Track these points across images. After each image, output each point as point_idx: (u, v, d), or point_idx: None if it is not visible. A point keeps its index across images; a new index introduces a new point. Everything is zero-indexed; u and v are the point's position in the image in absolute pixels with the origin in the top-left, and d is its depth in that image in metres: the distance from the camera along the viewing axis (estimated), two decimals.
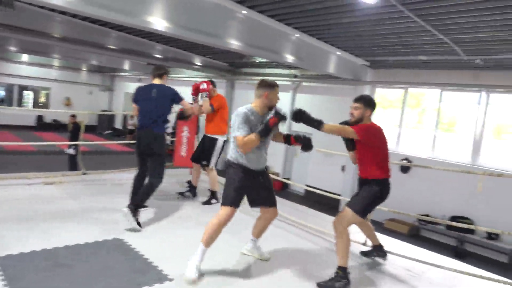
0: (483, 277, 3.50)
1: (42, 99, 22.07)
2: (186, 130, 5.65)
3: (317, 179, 11.18)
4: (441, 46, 7.04)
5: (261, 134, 3.10)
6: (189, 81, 12.99)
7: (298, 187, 11.58)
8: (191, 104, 4.86)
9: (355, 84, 10.42)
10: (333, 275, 3.14)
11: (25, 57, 18.35)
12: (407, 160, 9.27)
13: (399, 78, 9.71)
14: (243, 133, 3.09)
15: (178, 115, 5.07)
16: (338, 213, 3.38)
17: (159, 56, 11.01)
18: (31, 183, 5.15)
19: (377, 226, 8.69)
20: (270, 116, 3.17)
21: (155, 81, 4.33)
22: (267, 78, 3.58)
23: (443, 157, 9.15)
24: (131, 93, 21.40)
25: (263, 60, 11.41)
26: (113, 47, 9.71)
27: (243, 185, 3.26)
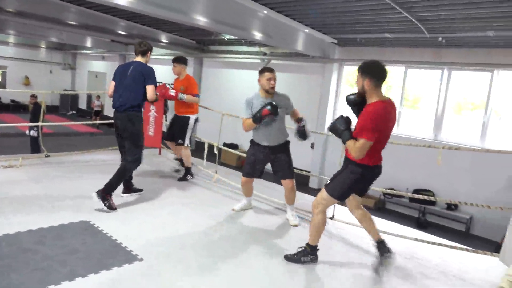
0: (442, 244, 3.72)
1: None
2: (153, 110, 5.53)
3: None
4: (405, 24, 7.15)
5: (253, 120, 3.72)
6: (156, 59, 12.60)
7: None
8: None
9: (323, 62, 10.49)
10: (300, 249, 3.20)
11: None
12: None
13: (366, 55, 9.84)
14: (245, 116, 3.83)
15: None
16: (318, 194, 3.17)
17: (123, 33, 10.58)
18: None
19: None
20: (267, 107, 3.64)
21: (137, 58, 4.19)
22: (267, 66, 4.08)
23: (407, 133, 9.47)
24: (95, 71, 20.82)
25: (231, 38, 11.23)
26: (73, 22, 9.21)
27: (256, 158, 3.99)
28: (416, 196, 4.78)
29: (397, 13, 6.47)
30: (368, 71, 2.79)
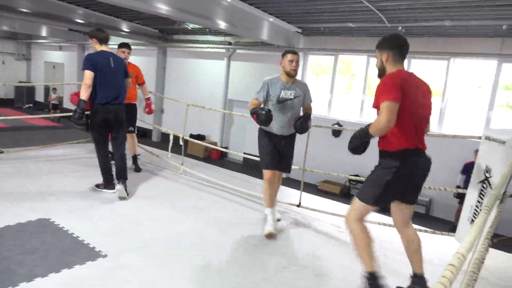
0: None
1: None
2: None
3: (255, 146, 11.31)
4: (367, 14, 7.30)
5: (251, 112, 3.47)
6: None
7: (236, 155, 11.67)
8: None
9: None
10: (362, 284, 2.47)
11: None
12: (338, 124, 9.72)
13: (329, 45, 9.97)
14: (255, 96, 3.60)
15: None
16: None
17: (80, 21, 10.13)
18: None
19: (311, 188, 9.16)
20: (260, 112, 3.38)
21: (105, 48, 4.07)
22: (290, 49, 3.93)
23: (370, 120, 9.72)
24: (52, 62, 19.84)
25: (195, 27, 11.03)
26: (26, 10, 8.71)
27: (274, 147, 3.66)
28: None
29: (358, 3, 6.58)
30: (385, 45, 2.48)
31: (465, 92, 8.99)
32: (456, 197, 7.47)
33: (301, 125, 3.50)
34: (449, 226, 7.42)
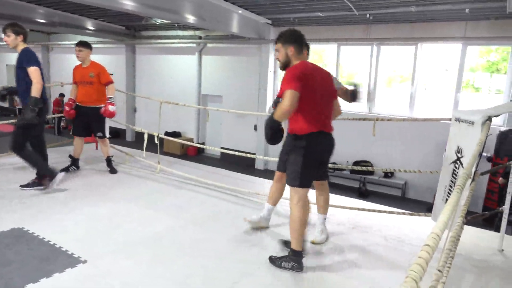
0: (381, 211, 3.96)
1: None
2: None
3: (231, 140, 11.32)
4: (335, 2, 7.35)
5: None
6: None
7: (213, 150, 11.62)
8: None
9: (259, 43, 10.50)
10: (287, 253, 2.85)
11: None
12: None
13: None
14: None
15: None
16: None
17: (42, 21, 9.73)
18: None
19: None
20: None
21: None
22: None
23: (343, 108, 9.85)
24: (14, 65, 19.01)
25: (163, 22, 10.81)
26: None
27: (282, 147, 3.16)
28: (356, 168, 5.35)
29: None
30: (289, 39, 2.77)
31: (433, 76, 9.24)
32: None
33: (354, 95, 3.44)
34: (425, 207, 7.67)
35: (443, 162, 2.90)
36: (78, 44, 4.83)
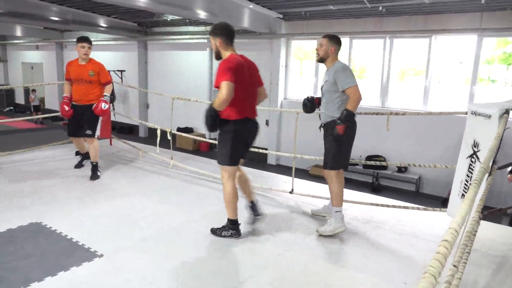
0: (395, 206, 3.92)
1: None
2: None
3: None
4: None
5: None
6: (97, 45, 11.92)
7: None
8: None
9: (271, 38, 10.45)
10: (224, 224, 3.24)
11: None
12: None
13: (311, 29, 9.92)
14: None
15: None
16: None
17: (56, 19, 9.86)
18: None
19: (303, 173, 9.21)
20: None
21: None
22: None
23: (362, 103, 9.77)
24: (29, 63, 19.34)
25: (174, 18, 10.84)
26: None
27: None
28: (369, 163, 5.47)
29: None
30: (218, 32, 3.12)
31: (447, 68, 9.07)
32: None
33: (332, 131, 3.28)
34: (439, 202, 7.57)
35: (459, 157, 2.86)
36: (84, 40, 4.57)
